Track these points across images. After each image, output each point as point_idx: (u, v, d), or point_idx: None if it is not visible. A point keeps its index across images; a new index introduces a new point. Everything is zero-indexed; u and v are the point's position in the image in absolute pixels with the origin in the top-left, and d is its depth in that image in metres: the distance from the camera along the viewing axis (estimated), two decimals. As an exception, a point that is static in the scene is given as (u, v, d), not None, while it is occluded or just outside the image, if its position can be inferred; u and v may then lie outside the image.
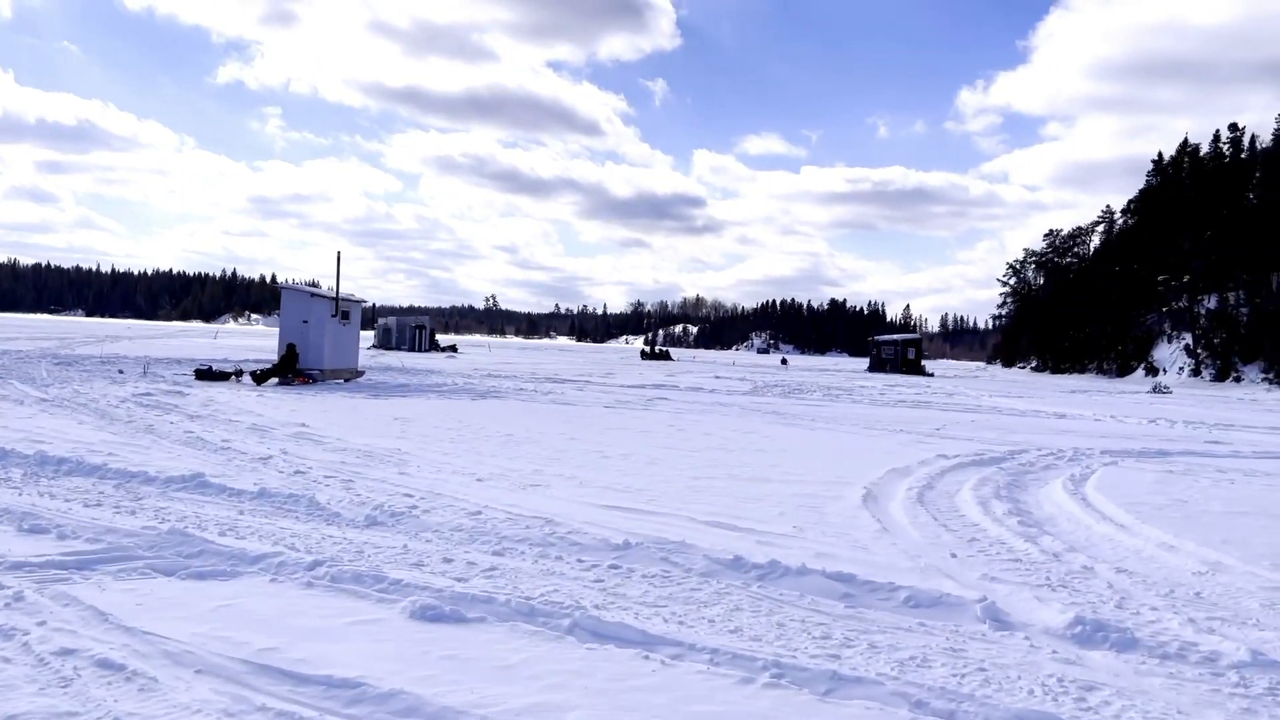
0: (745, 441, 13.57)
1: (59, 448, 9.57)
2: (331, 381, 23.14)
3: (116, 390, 16.99)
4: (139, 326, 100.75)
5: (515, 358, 55.04)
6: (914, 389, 36.40)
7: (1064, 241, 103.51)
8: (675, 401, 21.55)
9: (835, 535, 6.98)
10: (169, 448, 10.26)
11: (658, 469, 10.30)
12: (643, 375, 37.39)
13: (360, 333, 25.88)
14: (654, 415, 17.56)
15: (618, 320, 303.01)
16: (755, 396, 25.61)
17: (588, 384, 28.34)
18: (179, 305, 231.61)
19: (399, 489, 8.23)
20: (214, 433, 11.82)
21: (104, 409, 13.81)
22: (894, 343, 67.64)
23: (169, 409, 14.37)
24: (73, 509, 6.75)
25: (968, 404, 26.99)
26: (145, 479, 8.10)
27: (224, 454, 10.00)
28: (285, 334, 23.05)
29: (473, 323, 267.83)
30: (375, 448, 11.05)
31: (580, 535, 6.48)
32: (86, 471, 8.36)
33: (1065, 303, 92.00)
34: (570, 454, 11.34)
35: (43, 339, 41.98)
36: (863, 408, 22.86)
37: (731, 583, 5.49)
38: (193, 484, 7.91)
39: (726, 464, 10.95)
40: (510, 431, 13.44)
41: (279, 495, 7.56)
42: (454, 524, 6.83)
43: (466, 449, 11.47)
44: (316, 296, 23.25)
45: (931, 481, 10.02)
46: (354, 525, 6.72)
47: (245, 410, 14.86)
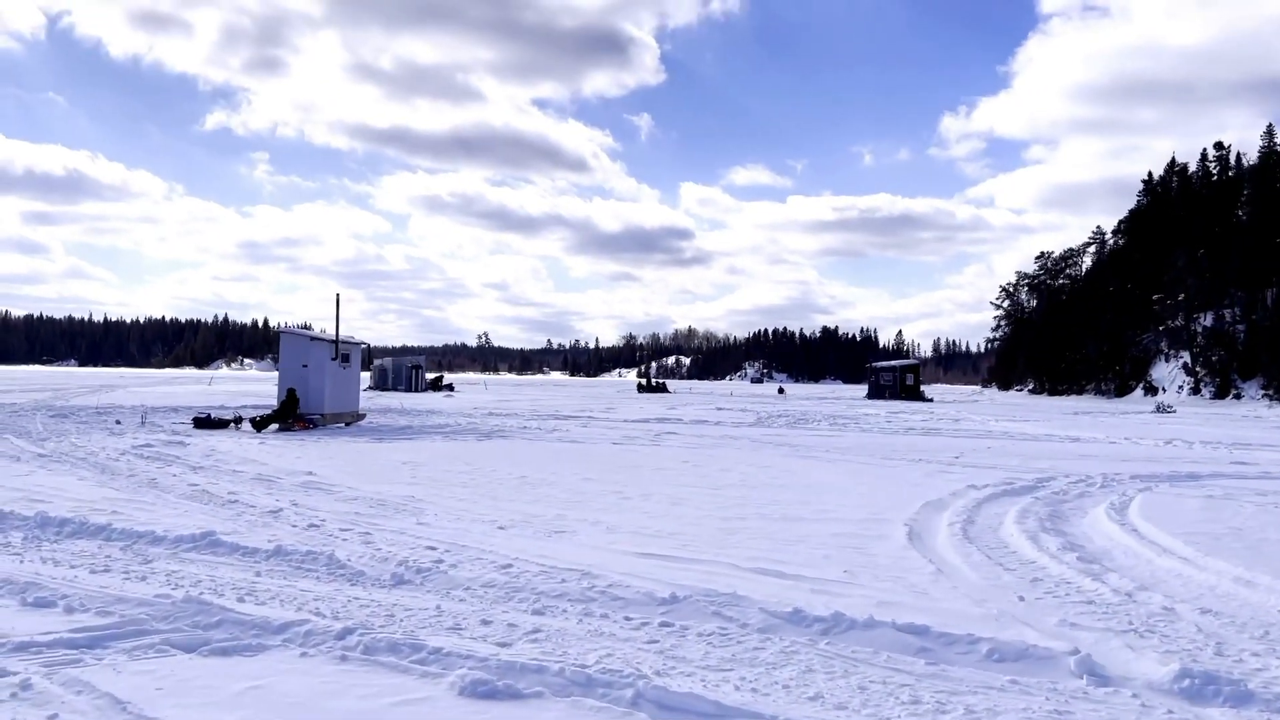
0: (765, 477, 13.18)
1: (60, 507, 9.14)
2: (333, 426, 22.70)
3: (115, 442, 16.54)
4: (132, 375, 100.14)
5: (513, 395, 54.58)
6: (918, 415, 36.05)
7: (1056, 263, 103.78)
8: (683, 436, 21.15)
9: (890, 579, 6.58)
10: (175, 503, 9.83)
11: (683, 510, 9.90)
12: (643, 409, 36.98)
13: (360, 375, 25.48)
14: (665, 451, 17.16)
15: (610, 354, 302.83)
16: (762, 428, 25.22)
17: (590, 419, 27.93)
18: (172, 352, 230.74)
19: (420, 541, 7.81)
20: (219, 485, 11.38)
21: (104, 463, 13.36)
22: (892, 369, 67.41)
23: (170, 460, 13.93)
24: (79, 576, 6.32)
25: (977, 430, 26.62)
26: (153, 539, 7.67)
27: (232, 508, 9.57)
28: (285, 378, 22.64)
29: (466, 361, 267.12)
30: (388, 496, 10.63)
31: (621, 589, 6.07)
32: (91, 533, 7.93)
33: (1060, 324, 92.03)
34: (589, 496, 10.94)
35: (36, 390, 41.44)
36: (873, 437, 22.48)
37: (796, 639, 5.08)
38: (204, 543, 7.48)
39: (752, 502, 10.55)
40: (523, 473, 13.02)
41: (296, 553, 7.13)
42: (485, 579, 6.41)
43: (482, 494, 11.05)
44: (316, 340, 22.87)
45: (970, 515, 9.63)
46: (380, 584, 6.30)
47: (249, 459, 14.42)
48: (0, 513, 8.64)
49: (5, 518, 8.50)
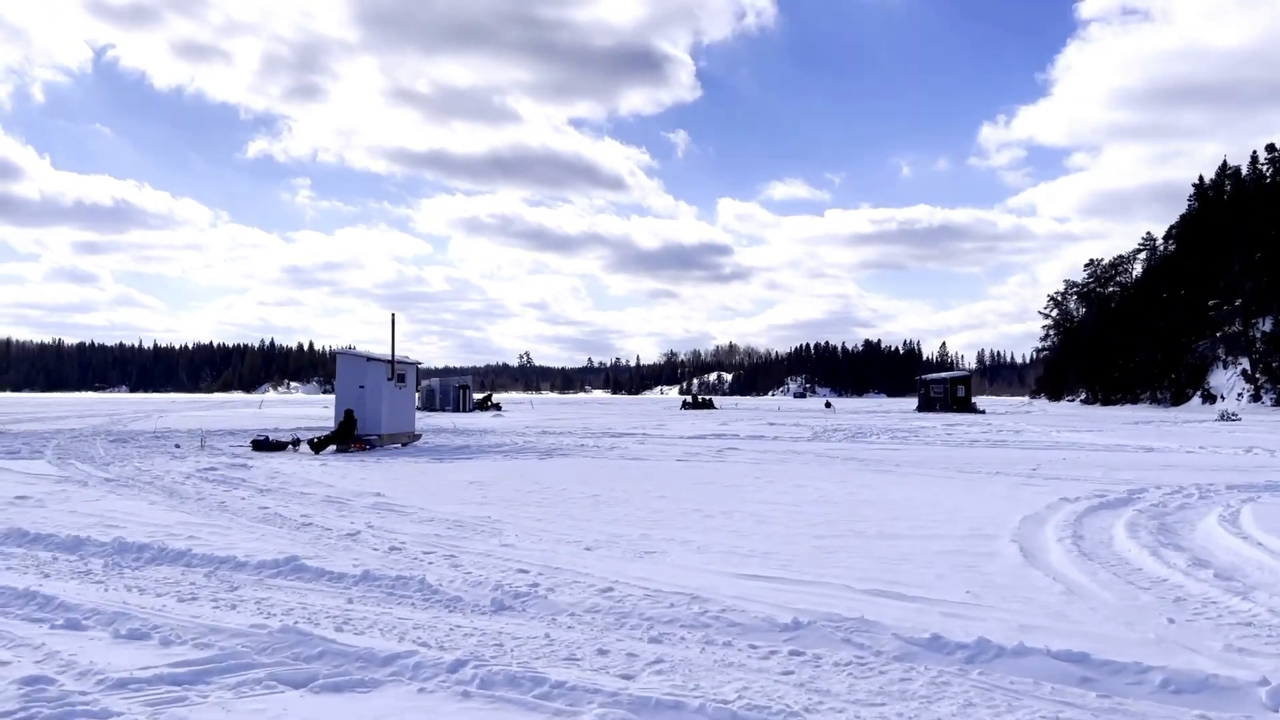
0: (844, 493, 12.73)
1: (135, 532, 8.96)
2: (389, 446, 22.57)
3: (178, 466, 16.47)
4: (183, 400, 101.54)
5: (560, 413, 54.42)
6: (976, 427, 35.26)
7: (1105, 271, 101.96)
8: (746, 451, 20.73)
9: (1019, 600, 6.14)
10: (249, 526, 9.61)
11: (771, 528, 9.50)
12: (695, 425, 36.57)
13: (415, 395, 25.37)
14: (732, 468, 16.75)
15: (651, 371, 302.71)
16: (822, 443, 24.71)
17: (645, 436, 27.58)
18: (220, 377, 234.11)
19: (510, 563, 7.50)
20: (289, 507, 11.18)
21: (170, 486, 13.24)
22: (942, 381, 66.36)
23: (236, 483, 13.79)
24: (167, 605, 6.08)
25: (1042, 441, 25.89)
26: (235, 564, 7.43)
27: (308, 531, 9.33)
28: (342, 400, 22.55)
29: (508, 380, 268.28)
30: (463, 516, 10.34)
31: (736, 613, 5.70)
32: (171, 559, 7.71)
33: (1111, 332, 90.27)
34: (668, 514, 10.58)
35: (92, 416, 41.96)
36: (939, 450, 21.89)
37: (943, 669, 4.68)
38: (288, 568, 7.23)
39: (841, 519, 10.12)
40: (595, 492, 12.69)
41: (385, 578, 6.84)
42: (588, 604, 6.07)
43: (557, 513, 10.73)
44: (372, 360, 22.77)
45: (1075, 529, 9.13)
46: (480, 611, 5.98)
47: (314, 481, 14.25)
48: (77, 539, 8.46)
49: (83, 544, 8.32)
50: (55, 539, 8.51)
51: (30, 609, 5.91)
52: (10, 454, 19.05)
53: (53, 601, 6.02)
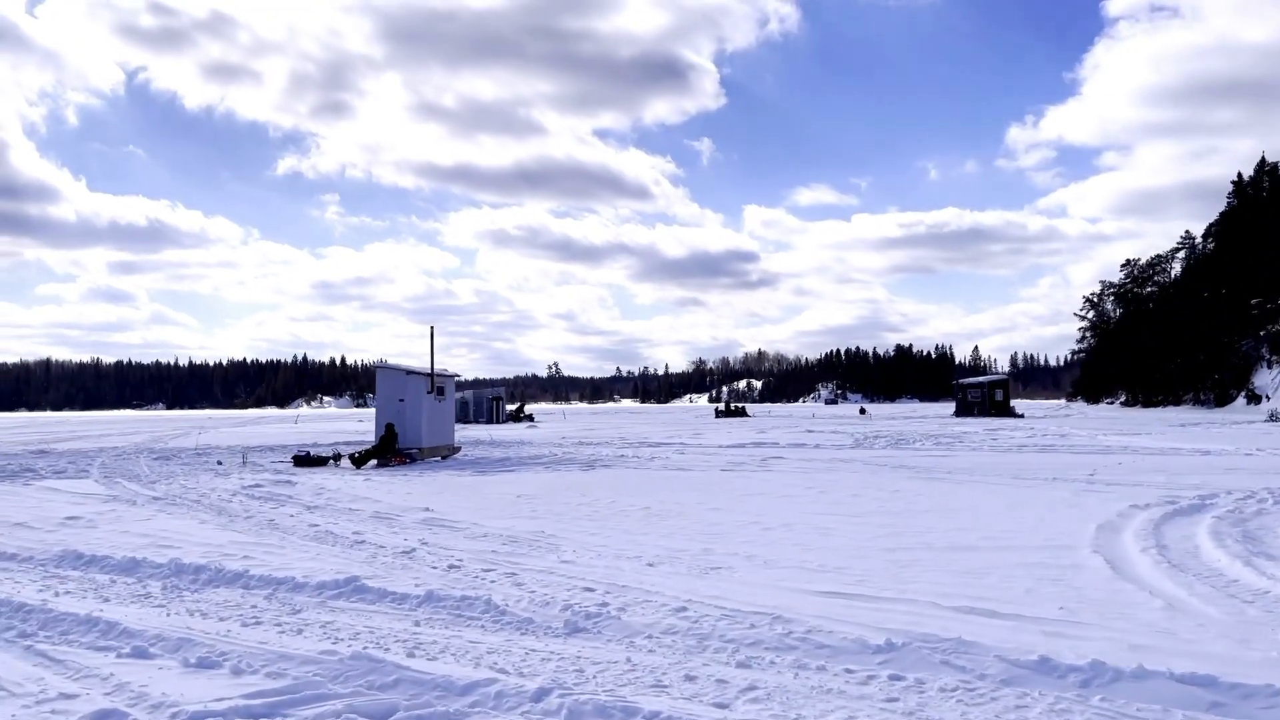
0: (903, 503, 12.41)
1: (190, 553, 8.82)
2: (429, 460, 22.46)
3: (223, 483, 16.41)
4: (220, 416, 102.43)
5: (593, 423, 54.25)
6: (1019, 432, 34.66)
7: (1143, 271, 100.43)
8: (790, 460, 20.40)
9: (1119, 617, 5.83)
10: (302, 545, 9.46)
11: (836, 541, 9.21)
12: (731, 434, 36.24)
13: (454, 408, 25.28)
14: (780, 477, 16.44)
15: (680, 379, 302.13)
16: (865, 450, 24.33)
17: (684, 446, 27.30)
18: (254, 392, 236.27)
19: (574, 581, 7.27)
20: (339, 524, 11.03)
21: (218, 504, 13.15)
22: (980, 385, 65.61)
23: (283, 500, 13.68)
24: (232, 630, 5.90)
25: (1091, 445, 25.35)
26: (294, 586, 7.26)
27: (362, 549, 9.16)
28: (382, 414, 22.48)
29: (537, 391, 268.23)
30: (516, 531, 10.14)
31: (823, 634, 5.44)
32: (228, 580, 7.56)
33: (1151, 333, 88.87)
34: (725, 528, 10.32)
35: (133, 434, 42.29)
36: (988, 456, 21.45)
37: (1059, 694, 4.39)
38: (348, 589, 7.04)
39: (907, 530, 9.81)
40: (645, 504, 12.45)
41: (449, 598, 6.64)
42: (664, 625, 5.83)
43: (611, 527, 10.51)
44: (411, 374, 22.69)
45: (1156, 538, 8.77)
46: (553, 633, 5.76)
47: (360, 496, 14.11)
48: (133, 560, 8.34)
49: (138, 565, 8.19)
50: (110, 561, 8.39)
51: (94, 636, 5.76)
52: (57, 473, 19.11)
53: (116, 628, 5.86)
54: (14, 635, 5.79)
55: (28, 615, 6.30)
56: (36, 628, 6.01)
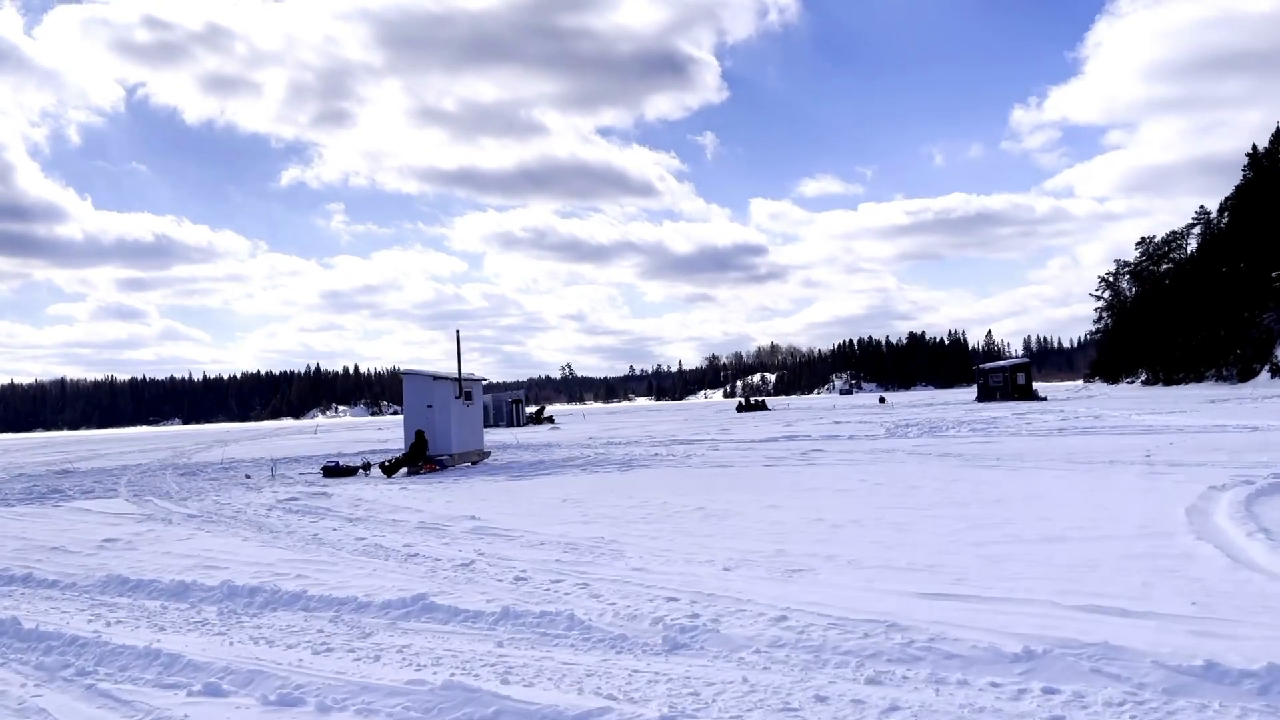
0: (967, 492, 11.94)
1: (239, 573, 8.44)
2: (460, 466, 22.08)
3: (257, 497, 16.05)
4: (238, 429, 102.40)
5: (615, 423, 53.84)
6: (1049, 415, 34.10)
7: (1158, 248, 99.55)
8: (830, 453, 19.94)
9: (1263, 611, 5.38)
10: (353, 560, 9.06)
11: (915, 536, 8.77)
12: (758, 428, 35.77)
13: (482, 412, 24.88)
14: (827, 470, 15.98)
15: (694, 376, 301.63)
16: (902, 439, 23.83)
17: (715, 442, 26.86)
18: (269, 404, 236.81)
19: (653, 591, 6.84)
20: (386, 537, 10.63)
21: (256, 520, 12.78)
22: (1001, 370, 64.96)
23: (321, 513, 13.30)
24: (304, 660, 5.50)
25: (1131, 425, 24.81)
26: (357, 606, 6.85)
27: (418, 563, 8.75)
28: (410, 420, 22.10)
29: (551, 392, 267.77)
30: (573, 538, 9.72)
31: (947, 643, 5.00)
32: (287, 602, 7.16)
33: (1169, 310, 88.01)
34: (790, 526, 9.87)
35: (154, 450, 42.07)
36: (1029, 440, 20.93)
37: (1245, 705, 3.95)
38: (416, 608, 6.63)
39: (986, 522, 9.36)
40: (698, 504, 12.02)
41: (527, 614, 6.22)
42: (768, 637, 5.40)
43: (670, 529, 10.08)
44: (439, 379, 22.30)
45: (1255, 520, 8.29)
46: (651, 650, 5.33)
47: (400, 506, 13.72)
48: (182, 584, 7.95)
49: (189, 589, 7.80)
50: (158, 585, 8.01)
51: (157, 671, 5.36)
52: (85, 493, 18.79)
53: (179, 661, 5.46)
54: (72, 674, 5.40)
55: (82, 650, 5.90)
56: (94, 663, 5.62)
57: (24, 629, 6.39)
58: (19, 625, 6.45)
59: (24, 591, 8.30)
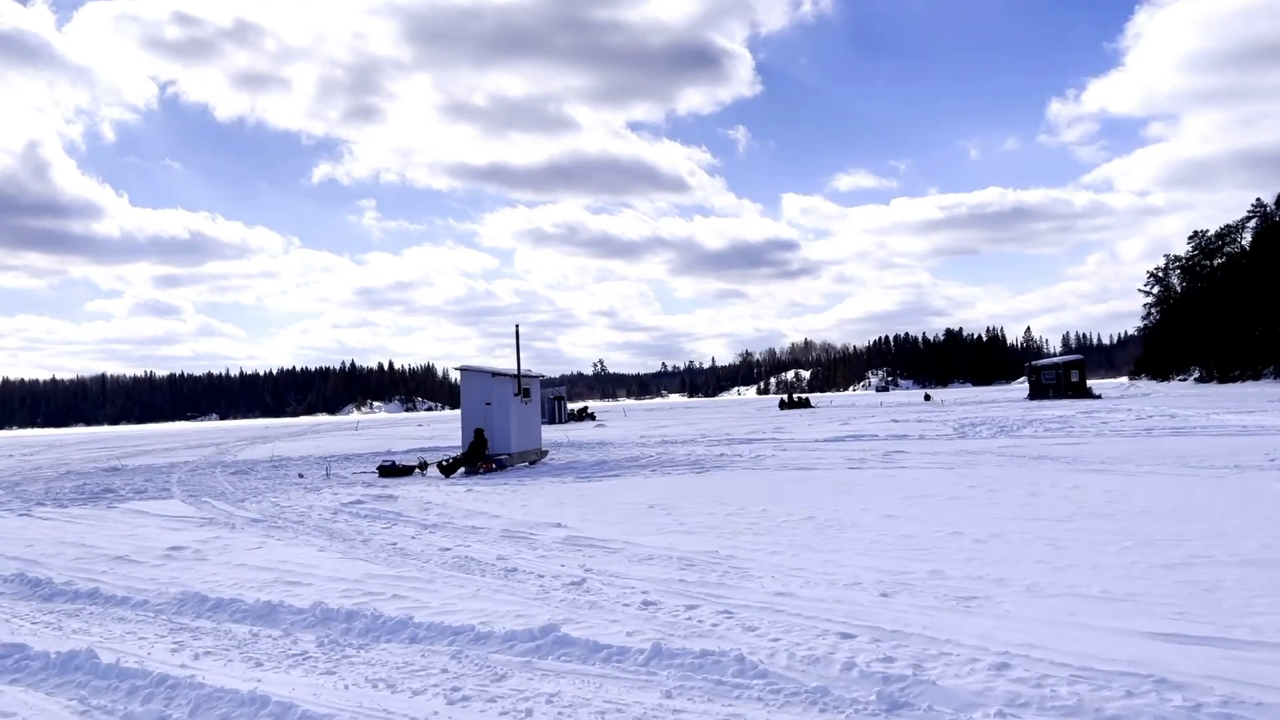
0: (1097, 501, 10.89)
1: (327, 591, 7.60)
2: (519, 465, 21.27)
3: (318, 499, 15.28)
4: (278, 425, 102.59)
5: (659, 420, 52.96)
6: (1118, 414, 32.76)
7: (1211, 242, 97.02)
8: (913, 454, 18.89)
9: None
10: (448, 576, 8.19)
11: (1078, 555, 7.76)
12: (814, 427, 34.68)
13: (540, 410, 24.06)
14: (922, 474, 14.95)
15: (727, 372, 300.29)
16: (977, 440, 22.72)
17: (775, 442, 25.86)
18: (304, 400, 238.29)
19: (817, 624, 5.91)
20: (473, 547, 9.77)
21: (325, 526, 11.99)
22: (1054, 367, 63.34)
23: (392, 518, 12.50)
24: (439, 710, 4.62)
25: (1220, 425, 23.51)
26: (476, 637, 5.97)
27: (521, 580, 7.87)
28: (469, 418, 21.31)
29: (584, 389, 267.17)
30: (682, 551, 8.80)
31: (1244, 708, 4.03)
32: (392, 630, 6.29)
33: (1223, 306, 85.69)
34: (923, 540, 8.90)
35: (199, 446, 41.71)
36: (1122, 442, 19.75)
37: None
38: (547, 641, 5.74)
39: (1148, 538, 8.33)
40: (806, 514, 11.06)
41: (684, 653, 5.31)
42: (1002, 693, 4.45)
43: (787, 543, 9.14)
44: (498, 376, 21.48)
45: None
46: (866, 711, 4.39)
47: (474, 511, 12.89)
48: (268, 605, 7.12)
49: (276, 611, 6.97)
50: (241, 605, 7.19)
51: (269, 725, 4.50)
52: (138, 492, 18.16)
53: (293, 711, 4.60)
54: (168, 726, 4.56)
55: (173, 693, 5.06)
56: (188, 713, 4.77)
57: (102, 664, 5.56)
58: (96, 660, 5.62)
59: (93, 611, 7.51)
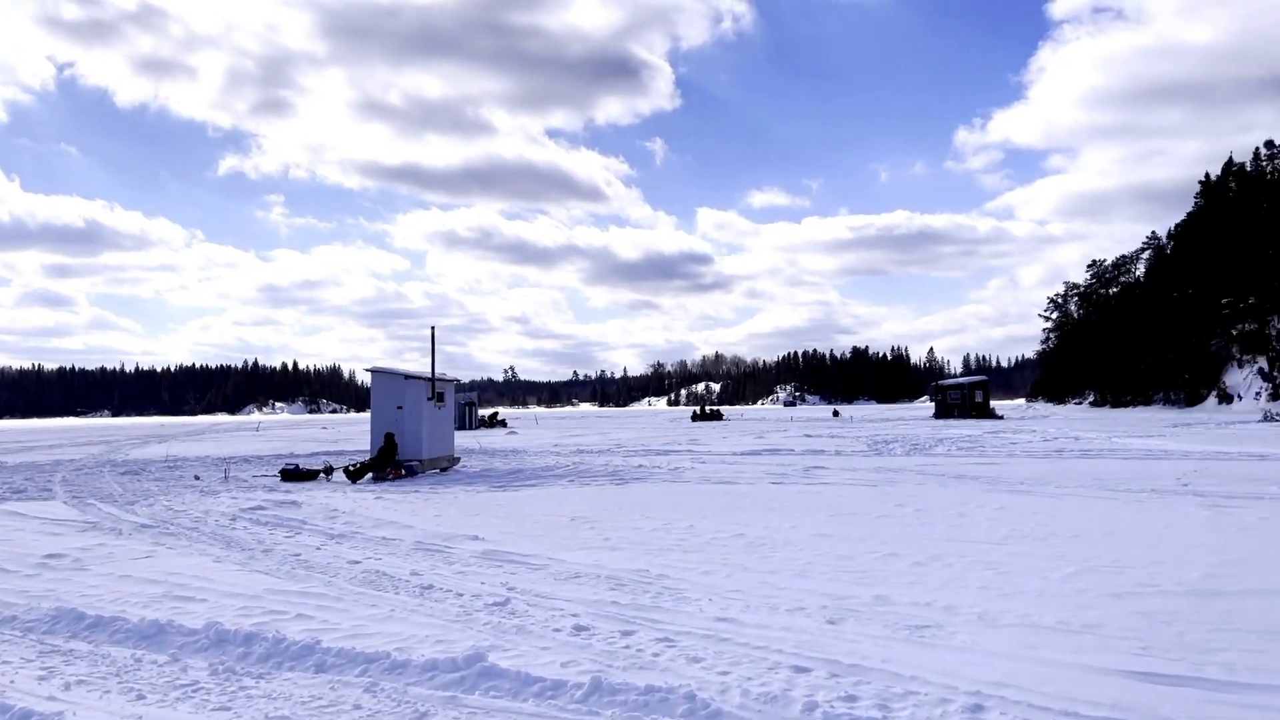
0: (1028, 524, 10.76)
1: (223, 609, 6.89)
2: (430, 472, 20.48)
3: (215, 504, 14.34)
4: (174, 424, 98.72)
5: (572, 429, 52.35)
6: (1024, 434, 33.42)
7: (1108, 271, 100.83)
8: (834, 470, 18.74)
9: None
10: (358, 593, 7.54)
11: (1022, 581, 7.53)
12: (728, 439, 34.62)
13: (453, 416, 23.29)
14: (847, 490, 14.74)
15: (639, 382, 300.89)
16: (894, 458, 22.79)
17: (691, 454, 25.56)
18: (203, 399, 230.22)
19: (766, 654, 5.48)
20: (384, 560, 9.12)
21: (222, 533, 11.15)
22: (960, 387, 64.88)
23: (296, 526, 11.72)
24: (354, 758, 4.04)
25: (1124, 449, 24.04)
26: (392, 666, 5.38)
27: (438, 599, 7.27)
28: (379, 422, 20.46)
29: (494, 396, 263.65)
30: (612, 569, 8.31)
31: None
32: (296, 656, 5.65)
33: (1118, 333, 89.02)
34: (861, 562, 8.58)
35: (87, 444, 39.58)
36: (1035, 463, 19.95)
37: None
38: (474, 673, 5.18)
39: (1091, 564, 8.15)
40: (736, 530, 10.68)
41: (628, 689, 4.82)
42: (975, 737, 4.09)
43: (720, 562, 8.73)
44: (411, 379, 20.70)
45: None
46: (834, 758, 3.97)
47: (383, 520, 12.18)
48: (155, 624, 6.38)
49: (165, 632, 6.24)
50: (124, 624, 6.44)
51: (150, 775, 3.86)
52: (16, 492, 16.86)
53: (179, 758, 3.97)
54: (28, 776, 3.88)
55: (38, 731, 4.37)
56: (56, 755, 4.09)
57: (-45, 695, 4.82)
58: (-52, 689, 4.87)
59: (-49, 628, 6.66)
